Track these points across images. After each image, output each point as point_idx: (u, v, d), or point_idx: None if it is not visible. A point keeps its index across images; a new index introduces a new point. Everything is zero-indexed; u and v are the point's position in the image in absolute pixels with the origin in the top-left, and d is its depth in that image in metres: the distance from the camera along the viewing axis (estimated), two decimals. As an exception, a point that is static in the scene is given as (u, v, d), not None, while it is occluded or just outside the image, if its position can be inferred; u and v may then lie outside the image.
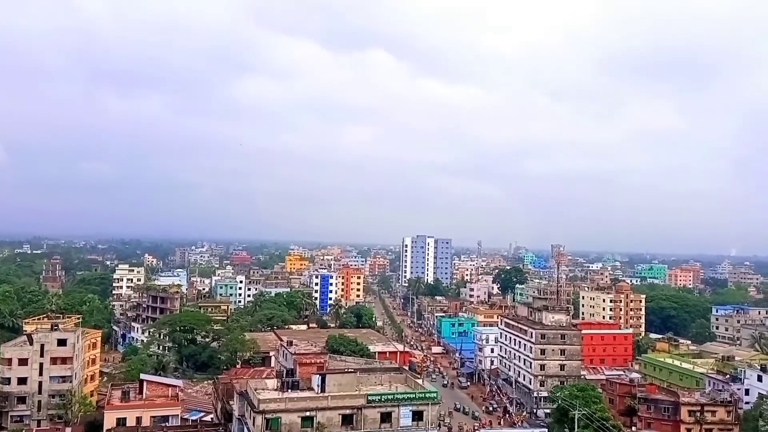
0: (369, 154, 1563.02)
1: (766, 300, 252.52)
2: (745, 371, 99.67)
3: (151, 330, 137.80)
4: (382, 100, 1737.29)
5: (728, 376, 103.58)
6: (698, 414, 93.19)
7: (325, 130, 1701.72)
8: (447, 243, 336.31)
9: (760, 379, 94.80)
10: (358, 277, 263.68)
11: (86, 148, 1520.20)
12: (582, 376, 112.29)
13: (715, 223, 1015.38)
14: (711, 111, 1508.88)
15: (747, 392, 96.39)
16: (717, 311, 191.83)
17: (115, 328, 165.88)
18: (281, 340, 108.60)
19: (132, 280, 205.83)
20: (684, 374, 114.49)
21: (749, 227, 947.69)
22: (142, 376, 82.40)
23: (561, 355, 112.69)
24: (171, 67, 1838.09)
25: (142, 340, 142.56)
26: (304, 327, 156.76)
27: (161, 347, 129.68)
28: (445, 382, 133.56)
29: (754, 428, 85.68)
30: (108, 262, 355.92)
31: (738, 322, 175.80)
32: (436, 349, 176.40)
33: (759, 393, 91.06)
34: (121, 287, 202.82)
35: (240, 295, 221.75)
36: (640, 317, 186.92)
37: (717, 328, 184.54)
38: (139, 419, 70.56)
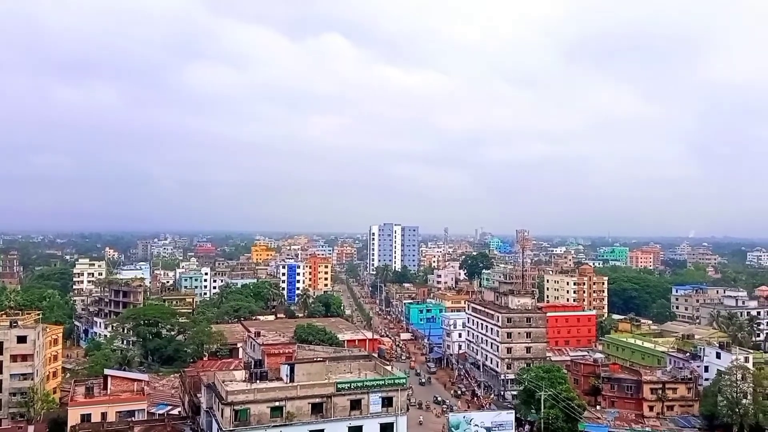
0: (334, 144, 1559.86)
1: (723, 280, 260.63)
2: (704, 349, 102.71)
3: (115, 324, 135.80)
4: (343, 88, 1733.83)
5: (688, 354, 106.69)
6: (660, 391, 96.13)
7: (288, 120, 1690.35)
8: (414, 230, 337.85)
9: (718, 356, 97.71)
10: (326, 266, 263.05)
11: (40, 140, 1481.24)
12: (548, 358, 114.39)
13: (675, 205, 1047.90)
14: (672, 98, 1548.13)
15: (706, 369, 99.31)
16: (677, 291, 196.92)
17: (76, 323, 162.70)
18: (249, 332, 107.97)
19: (93, 274, 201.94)
20: (646, 353, 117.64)
21: (707, 209, 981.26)
22: (107, 371, 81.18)
23: (527, 337, 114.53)
24: (125, 56, 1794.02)
25: (106, 335, 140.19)
26: (271, 317, 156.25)
27: (125, 342, 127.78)
28: (418, 371, 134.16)
29: (714, 403, 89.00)
30: (68, 257, 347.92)
31: (697, 301, 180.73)
32: (404, 336, 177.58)
33: (717, 370, 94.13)
34: (82, 282, 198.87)
35: (205, 287, 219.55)
36: (603, 299, 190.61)
37: (677, 308, 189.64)
38: (104, 415, 69.52)
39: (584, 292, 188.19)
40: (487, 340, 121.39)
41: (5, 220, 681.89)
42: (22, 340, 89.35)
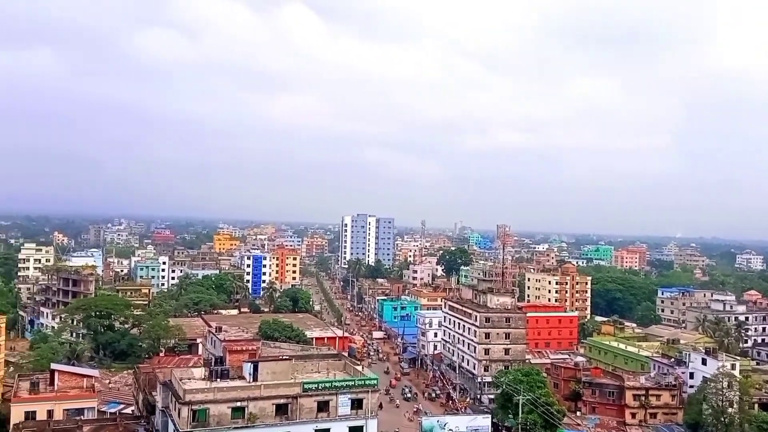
0: (299, 124, 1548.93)
1: (711, 282, 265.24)
2: (689, 355, 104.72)
3: (63, 315, 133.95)
4: (308, 64, 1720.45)
5: (673, 359, 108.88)
6: (643, 398, 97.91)
7: (247, 98, 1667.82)
8: (389, 222, 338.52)
9: (704, 362, 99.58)
10: (294, 259, 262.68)
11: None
12: (527, 360, 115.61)
13: (662, 202, 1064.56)
14: (656, 89, 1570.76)
15: (692, 376, 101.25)
16: (663, 294, 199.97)
17: (21, 313, 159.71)
18: (209, 326, 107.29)
19: (40, 260, 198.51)
20: (629, 358, 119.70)
21: (695, 208, 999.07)
22: (53, 365, 79.72)
23: (506, 338, 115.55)
24: (65, 18, 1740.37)
25: (53, 327, 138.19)
26: (234, 312, 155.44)
27: (74, 334, 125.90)
28: (387, 369, 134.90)
29: (698, 412, 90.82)
30: (12, 241, 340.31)
31: (683, 304, 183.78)
32: (377, 334, 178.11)
33: (703, 377, 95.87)
34: (28, 268, 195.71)
35: (163, 277, 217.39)
36: (586, 300, 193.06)
37: (662, 310, 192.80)
38: (50, 412, 68.42)
39: (566, 292, 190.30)
40: (464, 341, 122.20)
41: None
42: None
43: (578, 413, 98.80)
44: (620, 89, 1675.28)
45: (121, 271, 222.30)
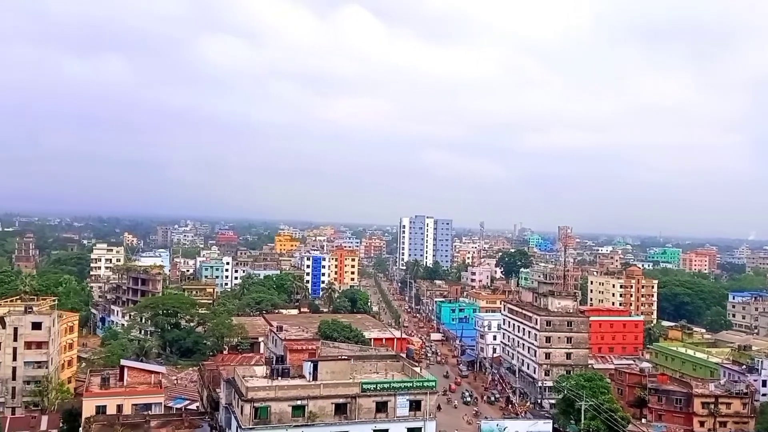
0: (358, 127, 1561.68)
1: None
2: (762, 361, 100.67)
3: (132, 313, 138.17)
4: (368, 67, 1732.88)
5: (744, 366, 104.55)
6: (712, 406, 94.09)
7: (308, 100, 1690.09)
8: (447, 224, 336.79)
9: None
10: (353, 260, 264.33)
11: (52, 120, 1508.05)
12: (589, 366, 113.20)
13: (734, 204, 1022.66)
14: (723, 85, 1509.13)
15: (764, 384, 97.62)
16: (734, 298, 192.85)
17: (93, 311, 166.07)
18: (271, 325, 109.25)
19: (111, 260, 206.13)
20: (698, 364, 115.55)
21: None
22: (123, 361, 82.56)
23: (567, 343, 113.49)
24: (136, 28, 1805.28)
25: (123, 324, 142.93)
26: (294, 311, 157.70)
27: (143, 332, 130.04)
28: (446, 373, 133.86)
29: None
30: (85, 241, 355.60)
31: (756, 309, 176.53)
32: (435, 336, 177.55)
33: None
34: (100, 268, 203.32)
35: (226, 277, 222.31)
36: (652, 304, 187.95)
37: (734, 316, 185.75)
38: (119, 407, 70.80)
39: (631, 295, 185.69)
40: (524, 344, 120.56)
41: (22, 202, 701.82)
42: (36, 326, 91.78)
43: (643, 420, 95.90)
44: (686, 85, 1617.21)
45: (187, 270, 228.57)
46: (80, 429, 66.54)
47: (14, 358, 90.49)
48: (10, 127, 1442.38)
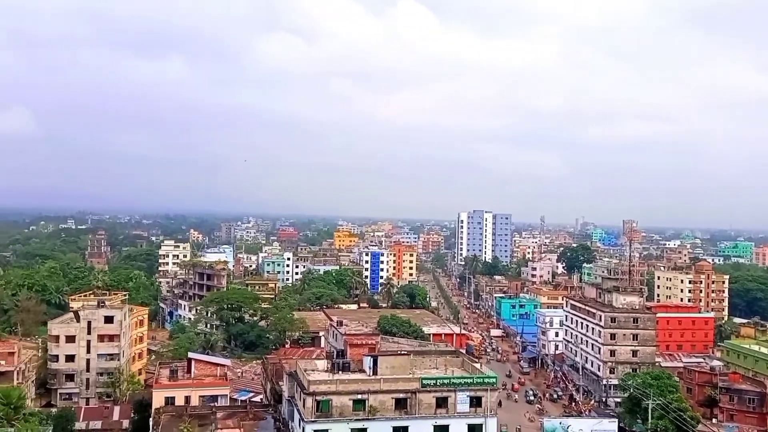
0: (414, 123, 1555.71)
1: None
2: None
3: (198, 308, 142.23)
4: (423, 61, 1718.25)
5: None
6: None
7: (363, 97, 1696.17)
8: (506, 218, 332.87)
9: None
10: (411, 255, 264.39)
11: (119, 119, 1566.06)
12: (657, 364, 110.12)
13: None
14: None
15: None
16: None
17: (161, 305, 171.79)
18: (331, 320, 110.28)
19: (178, 256, 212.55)
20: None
21: None
22: (190, 354, 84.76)
23: (633, 340, 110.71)
24: (191, 28, 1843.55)
25: (190, 318, 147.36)
26: (354, 306, 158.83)
27: (209, 325, 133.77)
28: (509, 372, 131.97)
29: None
30: (153, 238, 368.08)
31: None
32: (495, 332, 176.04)
33: None
34: (167, 264, 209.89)
35: (287, 272, 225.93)
36: (723, 300, 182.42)
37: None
38: (187, 398, 72.76)
39: (701, 291, 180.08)
40: (587, 341, 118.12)
41: (93, 201, 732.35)
42: (109, 320, 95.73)
43: (714, 420, 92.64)
44: (753, 71, 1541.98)
45: (250, 266, 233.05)
46: (150, 419, 68.71)
47: (88, 351, 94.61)
48: (82, 129, 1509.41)
